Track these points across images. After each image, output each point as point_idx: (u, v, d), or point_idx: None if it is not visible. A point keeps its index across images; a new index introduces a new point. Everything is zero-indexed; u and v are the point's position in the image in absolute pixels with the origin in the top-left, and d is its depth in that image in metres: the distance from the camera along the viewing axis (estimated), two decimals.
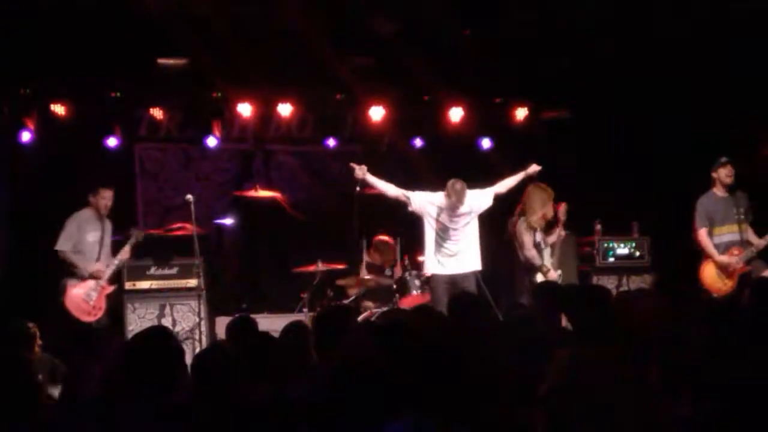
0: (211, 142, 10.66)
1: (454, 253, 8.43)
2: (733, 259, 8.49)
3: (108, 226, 8.76)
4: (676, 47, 9.46)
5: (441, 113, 10.86)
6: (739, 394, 3.50)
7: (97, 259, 8.57)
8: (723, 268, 8.53)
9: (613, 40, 9.61)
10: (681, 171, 9.73)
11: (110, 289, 8.61)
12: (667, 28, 9.20)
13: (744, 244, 8.52)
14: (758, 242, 8.49)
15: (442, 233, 8.43)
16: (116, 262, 8.66)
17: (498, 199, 8.53)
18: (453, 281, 8.34)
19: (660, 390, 3.72)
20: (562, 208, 8.60)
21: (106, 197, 8.61)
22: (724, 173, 8.58)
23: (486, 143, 11.19)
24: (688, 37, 9.22)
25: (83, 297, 8.44)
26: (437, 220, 8.43)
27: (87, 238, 8.57)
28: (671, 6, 8.83)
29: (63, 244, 8.49)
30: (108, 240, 8.71)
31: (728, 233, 8.60)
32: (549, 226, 8.64)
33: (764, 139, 10.18)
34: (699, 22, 8.98)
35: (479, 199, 8.45)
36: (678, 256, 9.31)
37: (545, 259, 8.51)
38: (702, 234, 8.62)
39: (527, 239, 8.49)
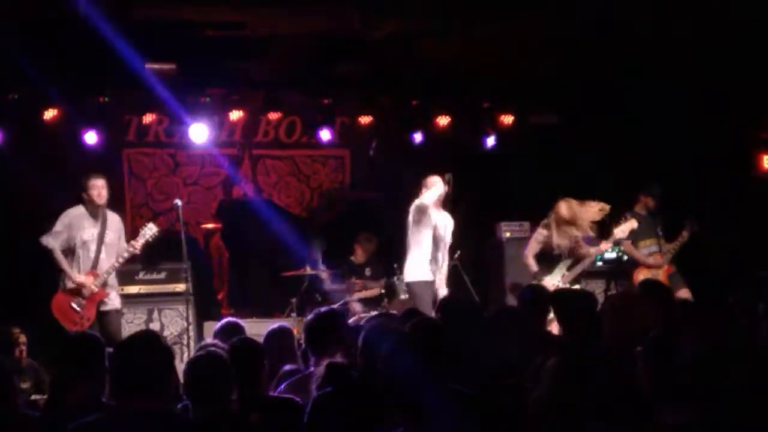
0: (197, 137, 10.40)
1: None
2: (659, 261, 9.31)
3: (113, 221, 8.09)
4: (666, 50, 9.48)
5: (429, 118, 10.88)
6: (731, 401, 3.51)
7: (97, 258, 7.92)
8: (653, 273, 9.18)
9: (602, 43, 9.63)
10: (668, 174, 9.77)
11: (104, 295, 7.91)
12: (657, 30, 9.22)
13: (664, 253, 9.36)
14: (677, 240, 9.32)
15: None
16: (116, 264, 7.95)
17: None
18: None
19: (651, 397, 3.72)
20: (627, 225, 8.58)
21: (97, 186, 7.91)
22: (652, 202, 9.34)
23: (491, 140, 11.08)
24: (678, 40, 9.24)
25: (71, 304, 7.83)
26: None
27: (81, 235, 7.89)
28: (661, 8, 8.83)
29: (48, 240, 7.80)
30: (113, 236, 8.02)
31: (653, 245, 9.37)
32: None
33: (758, 144, 10.28)
34: (692, 23, 9.00)
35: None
36: None
37: (557, 270, 8.43)
38: (627, 245, 9.29)
39: (531, 245, 8.54)
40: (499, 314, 5.28)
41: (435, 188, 8.10)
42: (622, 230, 8.55)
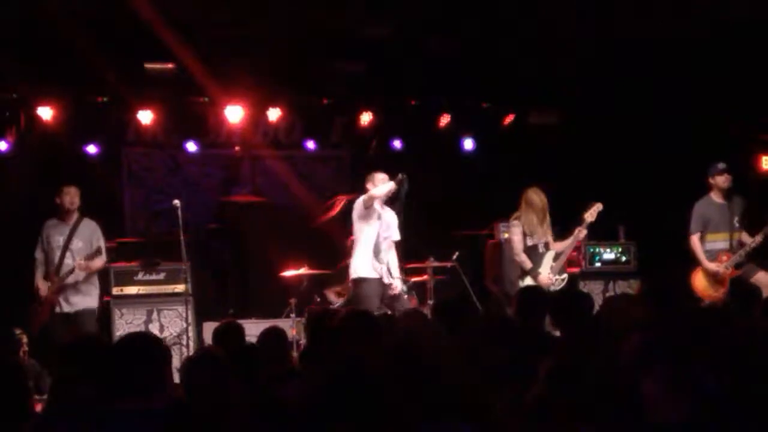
0: (191, 147, 10.69)
1: None
2: (722, 266, 8.46)
3: (85, 228, 8.40)
4: (667, 49, 9.48)
5: (429, 118, 10.88)
6: (734, 400, 3.51)
7: (60, 263, 8.23)
8: (713, 275, 8.49)
9: (601, 43, 9.64)
10: (667, 175, 9.77)
11: (55, 300, 8.24)
12: (657, 31, 9.23)
13: (735, 250, 8.50)
14: (749, 241, 8.45)
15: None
16: (68, 268, 8.26)
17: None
18: None
19: (650, 397, 3.72)
20: (594, 209, 8.44)
21: (70, 193, 8.32)
22: (721, 180, 8.56)
23: (468, 144, 11.17)
24: (680, 38, 9.24)
25: (35, 305, 8.28)
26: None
27: (50, 243, 8.32)
28: (661, 7, 8.85)
29: (36, 253, 8.38)
30: (81, 244, 8.31)
31: (721, 240, 8.57)
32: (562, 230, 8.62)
33: (758, 144, 10.28)
34: (691, 23, 9.00)
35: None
36: (665, 261, 9.33)
37: (545, 263, 8.44)
38: (693, 240, 8.61)
39: (516, 240, 8.47)
40: (499, 316, 5.30)
41: (385, 184, 8.21)
42: (590, 214, 8.41)
